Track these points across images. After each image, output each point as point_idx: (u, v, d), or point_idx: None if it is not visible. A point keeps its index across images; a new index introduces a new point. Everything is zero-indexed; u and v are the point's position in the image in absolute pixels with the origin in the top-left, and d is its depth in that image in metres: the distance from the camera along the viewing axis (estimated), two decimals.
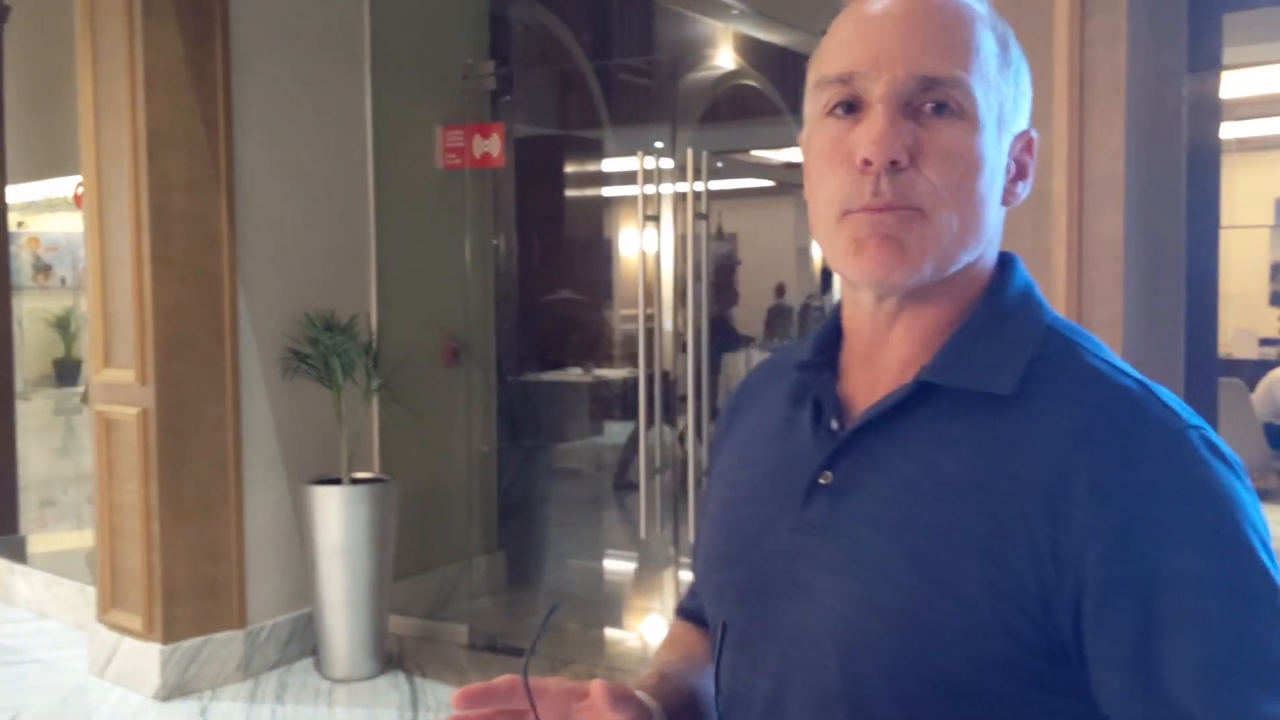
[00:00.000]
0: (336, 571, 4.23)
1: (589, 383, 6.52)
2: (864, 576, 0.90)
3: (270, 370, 4.34)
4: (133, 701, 4.09)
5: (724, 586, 1.03)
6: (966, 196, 0.91)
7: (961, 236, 0.92)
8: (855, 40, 0.92)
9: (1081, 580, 0.83)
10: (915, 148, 0.89)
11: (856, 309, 0.99)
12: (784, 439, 1.03)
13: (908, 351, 0.96)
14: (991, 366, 0.91)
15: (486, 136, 4.89)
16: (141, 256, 4.03)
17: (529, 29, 5.78)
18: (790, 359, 1.07)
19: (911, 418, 0.93)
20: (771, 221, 10.89)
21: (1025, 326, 0.94)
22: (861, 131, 0.90)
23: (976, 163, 0.91)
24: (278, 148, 4.41)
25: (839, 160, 0.92)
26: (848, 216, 0.91)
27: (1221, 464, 0.86)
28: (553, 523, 5.88)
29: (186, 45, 4.09)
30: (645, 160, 4.31)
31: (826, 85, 0.94)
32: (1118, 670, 0.82)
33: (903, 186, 0.89)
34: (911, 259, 0.90)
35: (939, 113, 0.90)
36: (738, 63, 8.29)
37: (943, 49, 0.90)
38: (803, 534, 0.95)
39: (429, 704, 4.08)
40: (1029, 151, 0.99)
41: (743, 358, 7.57)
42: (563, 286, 6.20)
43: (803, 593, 0.94)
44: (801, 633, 0.94)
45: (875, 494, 0.92)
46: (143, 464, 4.07)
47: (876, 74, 0.90)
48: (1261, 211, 7.95)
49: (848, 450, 0.95)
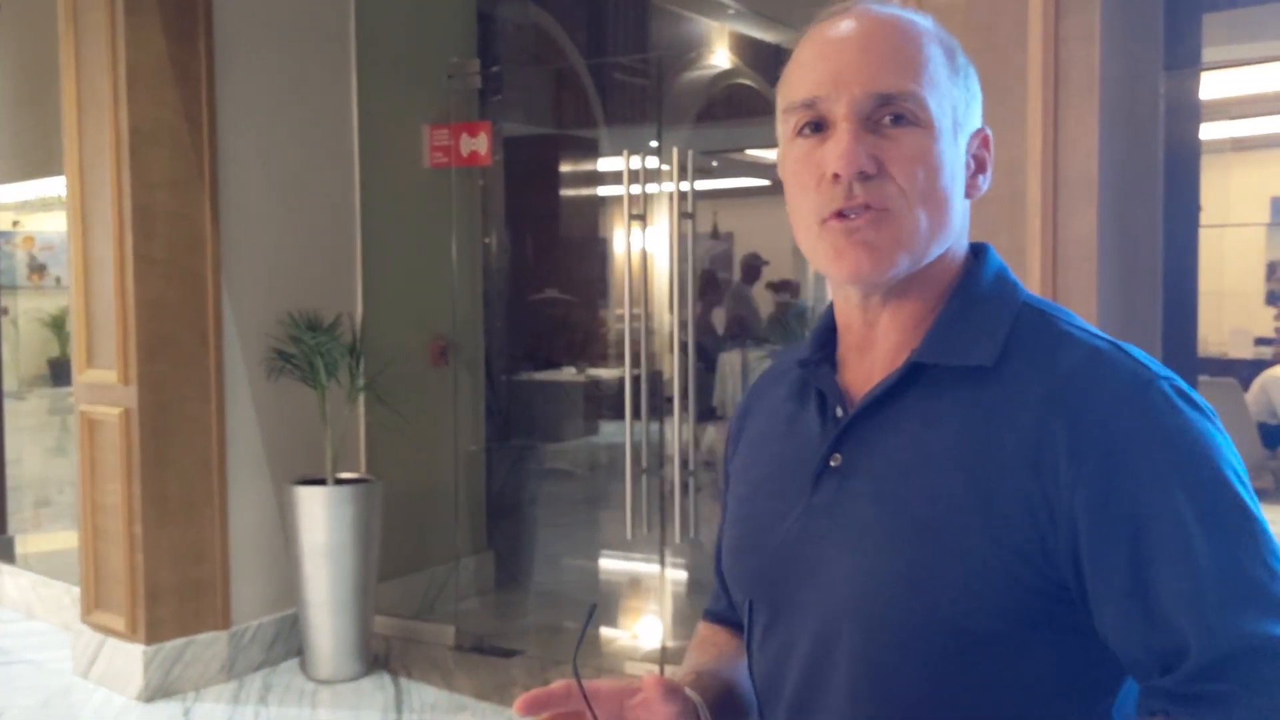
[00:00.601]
0: (321, 572, 4.22)
1: (581, 382, 6.50)
2: (871, 551, 0.98)
3: (254, 370, 4.33)
4: (116, 703, 4.08)
5: (747, 575, 1.12)
6: (931, 195, 0.99)
7: (931, 231, 1.00)
8: (815, 65, 1.02)
9: (1074, 526, 0.91)
10: (879, 157, 0.98)
11: (847, 305, 1.09)
12: (791, 434, 1.12)
13: (896, 339, 1.05)
14: (973, 342, 1.00)
15: (474, 135, 4.87)
16: (124, 255, 4.02)
17: (519, 28, 5.77)
18: (790, 361, 1.18)
19: (903, 399, 1.02)
20: (768, 221, 10.86)
21: (1001, 305, 1.03)
22: (829, 148, 0.99)
23: (936, 164, 0.99)
24: (262, 146, 4.39)
25: (810, 175, 1.01)
26: (825, 225, 1.00)
27: (1192, 409, 0.93)
28: (543, 523, 5.87)
29: (170, 43, 4.08)
30: (631, 160, 4.29)
31: (794, 110, 1.03)
32: (1115, 602, 0.90)
33: (873, 191, 0.98)
34: (886, 256, 0.99)
35: (897, 123, 0.99)
36: (733, 62, 8.27)
37: (895, 66, 0.99)
38: (814, 517, 1.04)
39: (414, 705, 4.07)
40: (985, 147, 1.07)
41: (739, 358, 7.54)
42: (552, 286, 6.19)
43: (818, 571, 1.02)
44: (822, 609, 1.02)
45: (874, 473, 1.01)
46: (125, 464, 4.06)
47: (837, 95, 0.99)
48: (1257, 210, 7.92)
49: (851, 434, 1.04)
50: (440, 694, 4.16)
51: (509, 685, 4.19)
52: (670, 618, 5.01)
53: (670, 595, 4.97)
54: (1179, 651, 0.89)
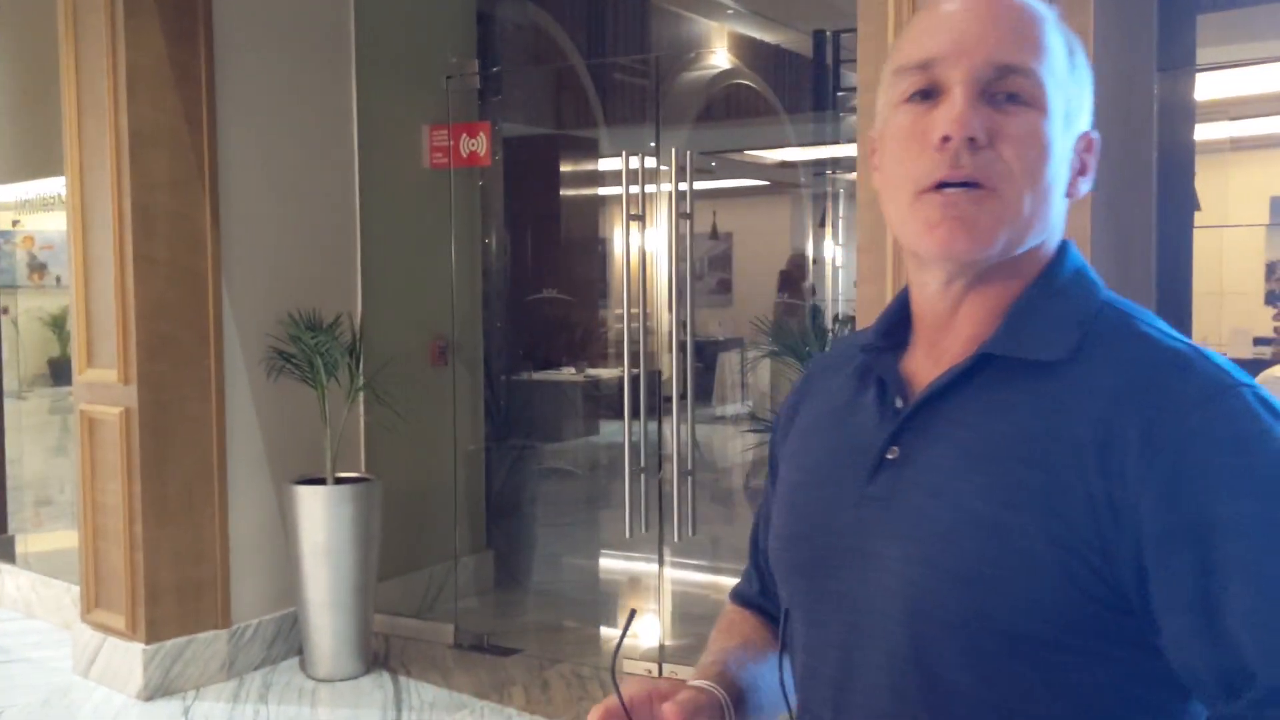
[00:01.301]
0: (321, 571, 4.23)
1: (581, 382, 6.51)
2: (927, 543, 0.94)
3: (254, 370, 4.34)
4: (116, 701, 4.09)
5: (794, 565, 1.08)
6: (1037, 179, 0.96)
7: (1031, 217, 0.97)
8: (936, 30, 0.98)
9: (1139, 530, 0.86)
10: (991, 131, 0.94)
11: (923, 293, 1.04)
12: (847, 421, 1.08)
13: (973, 331, 1.01)
14: (1046, 336, 0.96)
15: (473, 136, 4.88)
16: (124, 256, 4.03)
17: (519, 28, 5.78)
18: (853, 345, 1.14)
19: (969, 388, 0.98)
20: (768, 221, 10.87)
21: (1079, 300, 0.99)
22: (940, 112, 0.95)
23: (1046, 149, 0.96)
24: (262, 147, 4.41)
25: (916, 142, 0.97)
26: (922, 196, 0.96)
27: (1274, 418, 0.88)
28: (542, 522, 5.88)
29: (169, 44, 4.09)
30: (630, 160, 4.31)
31: (906, 72, 0.99)
32: (1178, 615, 0.85)
33: (980, 164, 0.94)
34: (983, 235, 0.95)
35: (1012, 101, 0.95)
36: (732, 62, 8.28)
37: (1018, 41, 0.96)
38: (868, 508, 1.00)
39: (413, 704, 4.08)
40: (1090, 150, 1.04)
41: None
42: (551, 286, 6.19)
43: (868, 562, 0.98)
44: (868, 600, 0.98)
45: (935, 464, 0.96)
46: (125, 464, 4.07)
47: (956, 60, 0.96)
48: (1256, 210, 7.91)
49: (911, 425, 1.00)
50: (439, 692, 4.17)
51: (508, 684, 4.20)
52: (669, 616, 5.03)
53: (669, 594, 4.98)
54: (1244, 674, 0.83)
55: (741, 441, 6.67)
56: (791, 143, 8.49)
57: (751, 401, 7.59)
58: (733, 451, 7.42)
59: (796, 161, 8.69)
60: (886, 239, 2.68)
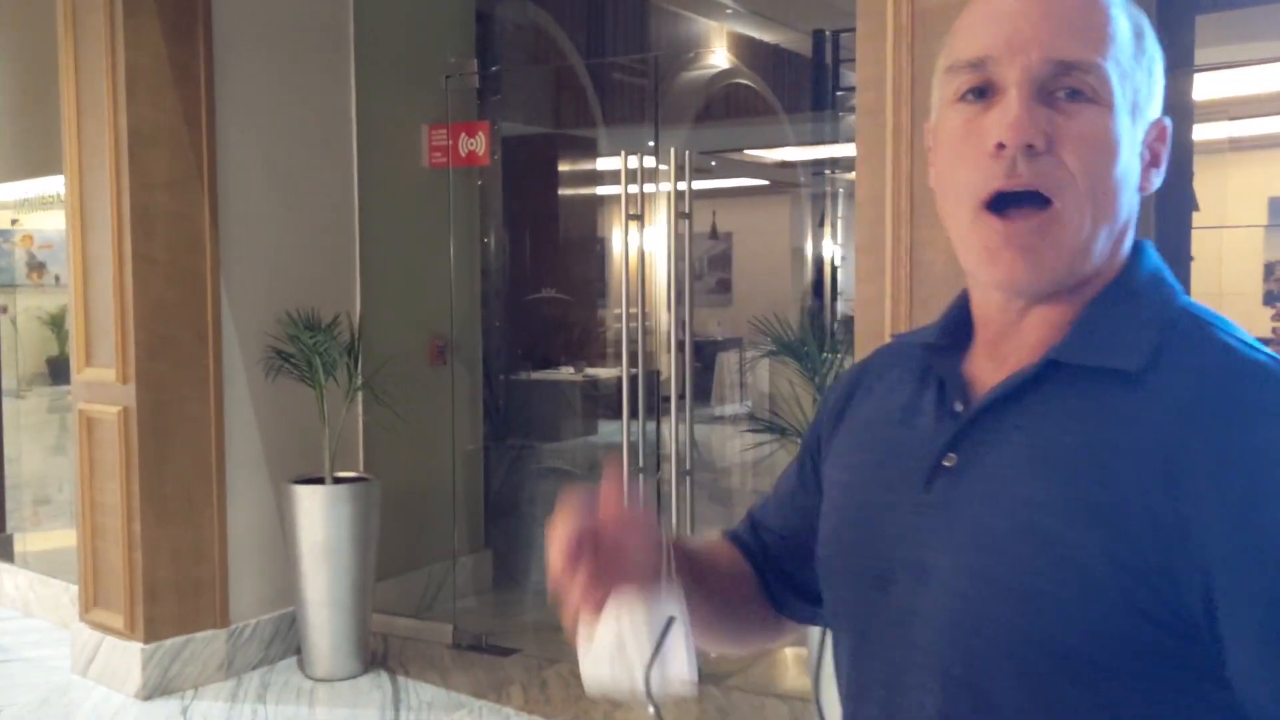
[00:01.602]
0: (319, 571, 4.23)
1: (579, 382, 6.52)
2: (981, 553, 0.89)
3: (253, 369, 4.35)
4: (114, 700, 4.09)
5: (844, 572, 1.03)
6: (1102, 183, 0.90)
7: (1095, 229, 0.90)
8: (988, 24, 0.92)
9: (1206, 552, 0.80)
10: (1051, 134, 0.88)
11: (985, 300, 0.99)
12: (905, 423, 1.02)
13: (1040, 336, 0.95)
14: (1119, 344, 0.90)
15: (472, 135, 4.88)
16: (123, 255, 4.03)
17: (518, 28, 5.78)
18: (913, 343, 1.08)
19: (1034, 395, 0.92)
20: (767, 220, 10.88)
21: (1155, 307, 0.93)
22: (995, 116, 0.89)
23: (1113, 149, 0.90)
24: (261, 147, 4.41)
25: (970, 146, 0.91)
26: (981, 216, 0.91)
27: None
28: (541, 522, 5.87)
29: (168, 44, 4.09)
30: (629, 159, 4.31)
31: (958, 70, 0.93)
32: (1249, 644, 0.80)
33: (1039, 171, 0.88)
34: (1047, 266, 0.90)
35: (1074, 98, 0.89)
36: (731, 61, 8.28)
37: (1078, 33, 0.89)
38: (923, 516, 0.95)
39: (411, 703, 4.08)
40: (1162, 140, 0.97)
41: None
42: (550, 285, 6.20)
43: (922, 574, 0.93)
44: (920, 614, 0.93)
45: (993, 472, 0.91)
46: (124, 463, 4.07)
47: (1010, 58, 0.89)
48: (1255, 211, 7.92)
49: (971, 431, 0.94)
50: (438, 692, 4.17)
51: (506, 683, 4.20)
52: None
53: None
54: None
55: (740, 441, 6.67)
56: (791, 142, 8.50)
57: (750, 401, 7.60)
58: (731, 451, 7.42)
59: (796, 161, 8.70)
60: (885, 238, 2.68)
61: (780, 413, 3.61)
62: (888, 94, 2.66)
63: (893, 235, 2.66)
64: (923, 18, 2.60)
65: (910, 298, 2.65)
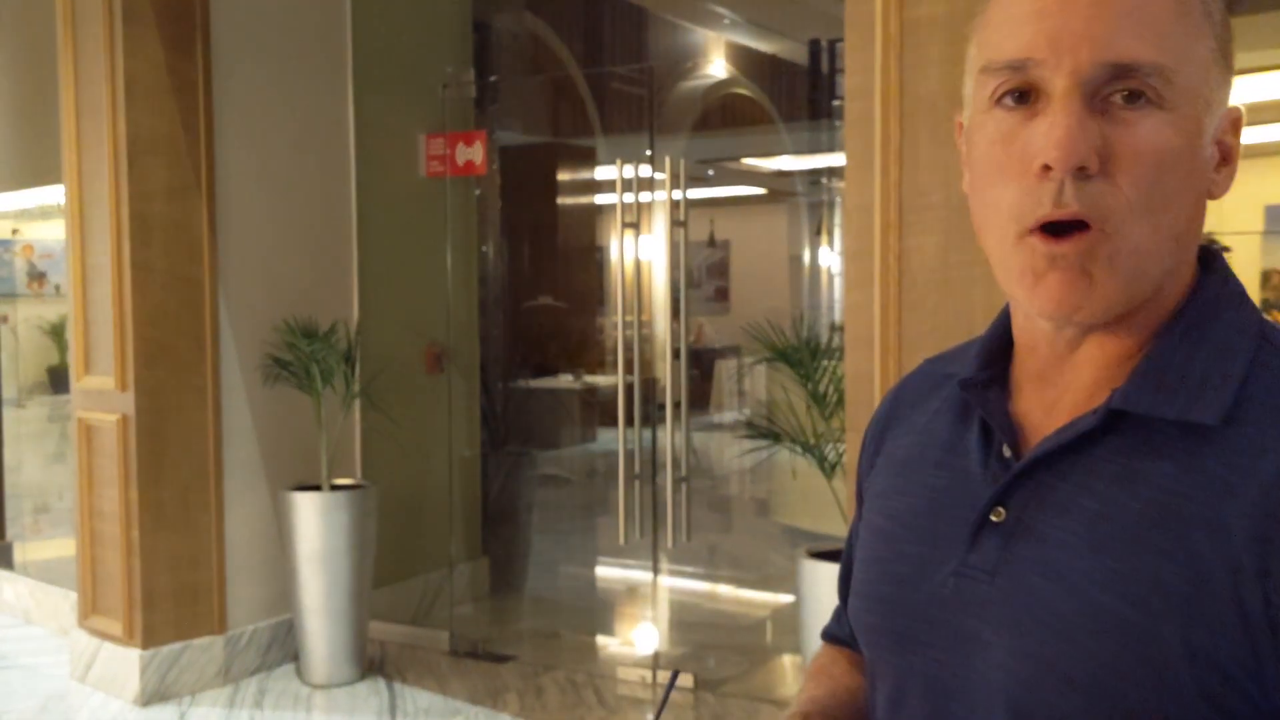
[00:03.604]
0: (316, 577, 4.24)
1: (577, 389, 6.54)
2: (1042, 635, 0.77)
3: (251, 377, 4.37)
4: (112, 707, 4.10)
5: (878, 631, 0.93)
6: (1164, 205, 0.77)
7: (1156, 252, 0.78)
8: (1030, 18, 0.78)
9: None
10: (1105, 149, 0.75)
11: (1031, 329, 0.86)
12: (946, 465, 0.90)
13: (1095, 375, 0.83)
14: (1195, 390, 0.77)
15: (469, 144, 4.91)
16: (122, 263, 4.06)
17: (515, 37, 5.81)
18: (948, 369, 0.96)
19: (1098, 449, 0.80)
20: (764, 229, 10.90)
21: (1233, 340, 0.80)
22: (1040, 129, 0.76)
23: (1178, 162, 0.77)
24: (259, 155, 4.43)
25: (1012, 163, 0.78)
26: (1024, 240, 0.78)
27: None
28: (538, 529, 5.90)
29: (167, 52, 4.12)
30: (625, 168, 4.34)
31: (995, 72, 0.79)
32: None
33: (1090, 198, 0.75)
34: (1100, 293, 0.77)
35: (1133, 102, 0.76)
36: (729, 72, 8.31)
37: (1138, 27, 0.76)
38: (969, 579, 0.83)
39: (408, 710, 4.09)
40: (1234, 131, 0.84)
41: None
42: (547, 293, 6.22)
43: (968, 646, 0.83)
44: (967, 692, 0.83)
45: (1054, 538, 0.79)
46: (122, 470, 4.09)
47: (1057, 61, 0.76)
48: (1252, 218, 7.94)
49: (1023, 484, 0.82)
50: (435, 699, 4.18)
51: (503, 690, 4.22)
52: (664, 623, 5.04)
53: (664, 601, 5.00)
54: None
55: (737, 448, 6.69)
56: (788, 151, 8.53)
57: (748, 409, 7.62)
58: (728, 459, 7.44)
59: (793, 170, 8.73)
60: (875, 244, 2.71)
61: (776, 420, 3.63)
62: (876, 103, 2.69)
63: (881, 242, 2.69)
64: (912, 28, 2.63)
65: (899, 304, 2.67)
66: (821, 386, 3.29)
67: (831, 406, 3.26)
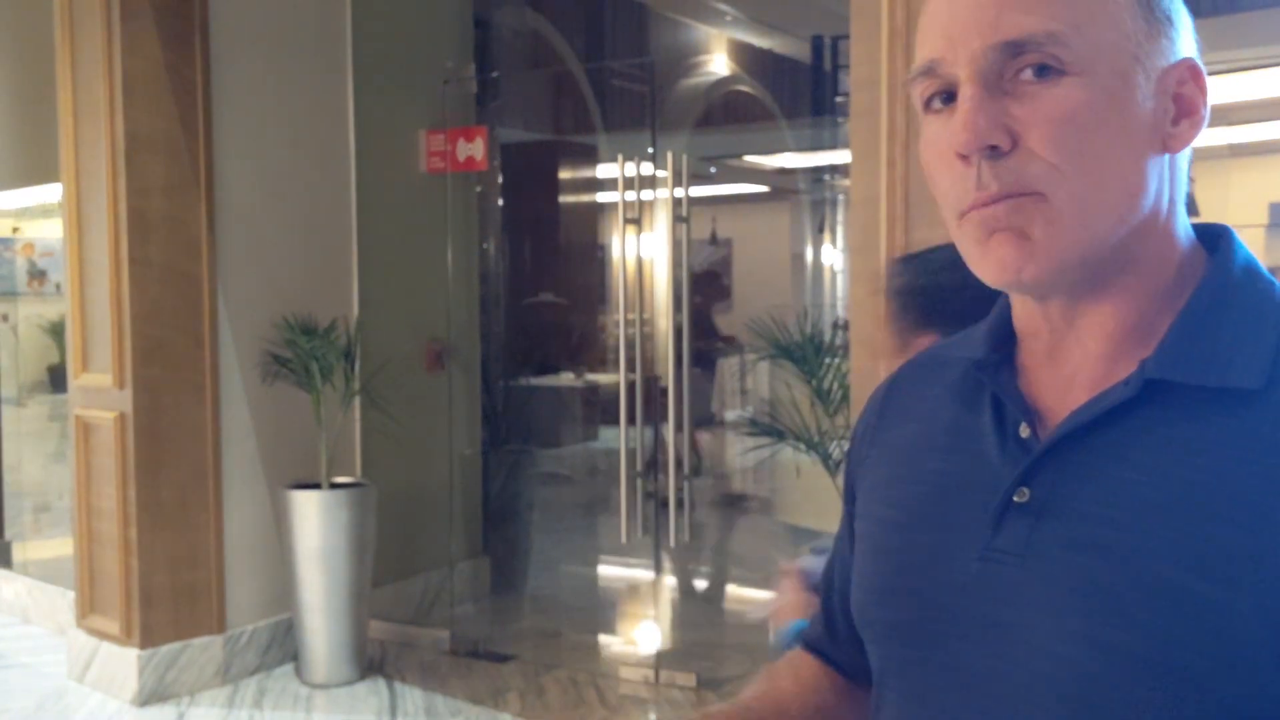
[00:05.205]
0: (316, 576, 4.22)
1: (579, 387, 6.51)
2: (1095, 614, 0.74)
3: (249, 374, 4.34)
4: (110, 707, 4.07)
5: (891, 625, 0.89)
6: (1096, 163, 0.77)
7: (1104, 208, 0.77)
8: (933, 20, 0.81)
9: None
10: (1014, 127, 0.77)
11: (1024, 309, 0.87)
12: (955, 449, 0.89)
13: (1100, 348, 0.82)
14: (1230, 356, 0.77)
15: (470, 140, 4.88)
16: (119, 260, 4.03)
17: (516, 33, 5.78)
18: (949, 356, 0.94)
19: (1131, 420, 0.78)
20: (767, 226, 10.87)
21: (1262, 305, 0.80)
22: (953, 121, 0.79)
23: (1100, 120, 0.76)
24: (258, 152, 4.40)
25: (941, 160, 0.81)
26: (963, 219, 0.80)
27: None
28: (539, 528, 5.87)
29: (165, 49, 4.09)
30: (626, 165, 4.31)
31: (916, 81, 0.83)
32: None
33: (1010, 172, 0.77)
34: (1043, 250, 0.77)
35: (1042, 75, 0.76)
36: (731, 68, 8.28)
37: (1025, 1, 0.77)
38: (996, 563, 0.81)
39: (408, 710, 4.06)
40: (1194, 83, 0.81)
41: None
42: (548, 290, 6.20)
43: (1002, 634, 0.80)
44: (1006, 683, 0.79)
45: (1093, 514, 0.77)
46: (120, 468, 4.06)
47: (955, 55, 0.78)
48: (1255, 214, 7.91)
49: (1049, 461, 0.81)
50: (435, 699, 4.15)
51: (503, 690, 4.19)
52: (665, 622, 5.01)
53: (665, 600, 4.97)
54: None
55: (740, 446, 6.66)
56: (790, 148, 8.50)
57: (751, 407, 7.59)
58: (731, 457, 7.41)
59: (796, 167, 8.70)
60: (880, 239, 2.68)
61: (780, 417, 3.61)
62: (882, 95, 2.65)
63: (887, 237, 2.66)
64: (916, 19, 2.59)
65: None
66: (826, 383, 3.27)
67: (836, 403, 3.24)
